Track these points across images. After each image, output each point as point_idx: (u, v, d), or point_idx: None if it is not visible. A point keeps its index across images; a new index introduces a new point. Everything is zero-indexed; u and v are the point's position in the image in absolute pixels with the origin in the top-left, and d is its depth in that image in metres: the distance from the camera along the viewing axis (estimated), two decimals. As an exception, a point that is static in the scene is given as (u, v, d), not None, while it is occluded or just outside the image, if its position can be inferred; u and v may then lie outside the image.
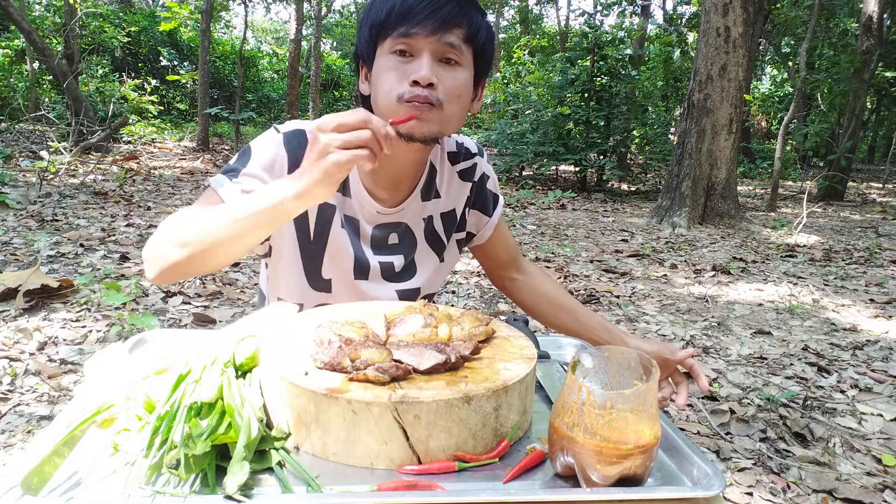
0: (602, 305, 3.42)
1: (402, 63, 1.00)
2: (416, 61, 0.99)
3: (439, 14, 0.97)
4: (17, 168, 6.55)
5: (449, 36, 0.99)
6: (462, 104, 1.05)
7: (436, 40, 0.98)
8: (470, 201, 1.26)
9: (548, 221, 6.31)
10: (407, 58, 1.00)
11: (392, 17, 0.98)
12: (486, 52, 1.07)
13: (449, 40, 0.99)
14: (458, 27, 0.99)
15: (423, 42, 0.98)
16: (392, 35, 0.99)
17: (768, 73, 21.31)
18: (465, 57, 1.02)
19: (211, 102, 11.19)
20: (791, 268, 4.62)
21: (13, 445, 1.70)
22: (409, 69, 0.99)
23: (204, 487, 0.63)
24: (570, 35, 16.97)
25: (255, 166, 1.03)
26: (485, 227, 1.30)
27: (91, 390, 0.80)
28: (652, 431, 0.64)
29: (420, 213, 1.20)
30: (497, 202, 1.31)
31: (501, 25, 23.75)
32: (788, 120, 7.86)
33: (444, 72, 1.01)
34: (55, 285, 2.85)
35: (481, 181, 1.27)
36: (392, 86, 1.00)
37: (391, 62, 1.00)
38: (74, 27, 9.62)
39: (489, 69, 1.11)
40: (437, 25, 0.97)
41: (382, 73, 1.01)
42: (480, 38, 1.04)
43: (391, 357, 0.74)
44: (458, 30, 0.99)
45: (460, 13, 0.99)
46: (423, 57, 0.99)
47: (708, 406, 2.18)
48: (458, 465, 0.68)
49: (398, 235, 1.19)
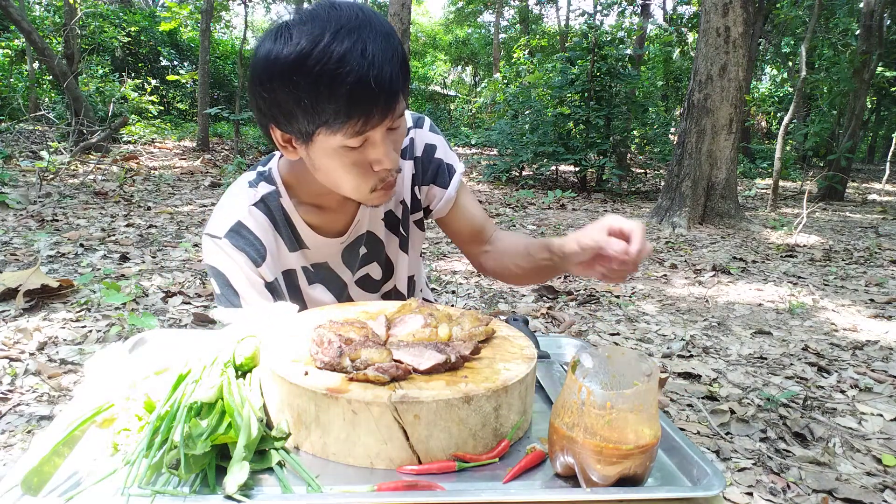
0: (602, 305, 3.42)
1: (360, 154, 0.93)
2: (375, 148, 0.92)
3: (390, 99, 0.88)
4: (17, 168, 6.55)
5: (398, 109, 0.91)
6: None
7: (389, 122, 0.91)
8: (418, 178, 1.20)
9: (548, 221, 6.31)
10: (362, 147, 0.92)
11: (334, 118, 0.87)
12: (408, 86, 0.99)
13: (399, 113, 0.92)
14: (399, 91, 0.90)
15: (379, 128, 0.91)
16: (342, 132, 0.88)
17: (768, 73, 21.31)
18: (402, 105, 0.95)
19: (211, 102, 11.19)
20: (791, 268, 4.62)
21: (13, 445, 1.70)
22: (369, 159, 0.93)
23: (204, 487, 0.63)
24: (570, 35, 16.97)
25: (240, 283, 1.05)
26: (441, 200, 1.21)
27: (91, 390, 0.80)
28: (652, 431, 0.64)
29: (377, 215, 1.18)
30: (452, 171, 1.21)
31: (501, 25, 23.75)
32: (788, 120, 7.86)
33: (395, 136, 0.95)
34: (55, 285, 2.85)
35: (426, 154, 1.19)
36: (357, 182, 0.96)
37: (346, 157, 0.92)
38: (74, 27, 9.62)
39: None
40: (388, 111, 0.89)
41: (338, 169, 0.94)
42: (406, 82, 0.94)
43: (391, 357, 0.74)
44: (400, 93, 0.91)
45: (399, 75, 0.89)
46: (381, 143, 0.92)
47: (708, 406, 2.18)
48: (458, 465, 0.68)
49: (365, 245, 1.19)
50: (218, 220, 1.06)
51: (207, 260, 1.07)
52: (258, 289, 1.07)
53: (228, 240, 1.04)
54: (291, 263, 1.13)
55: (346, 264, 1.18)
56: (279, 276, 1.11)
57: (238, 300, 1.06)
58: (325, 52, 0.83)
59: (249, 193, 1.09)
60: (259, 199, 1.09)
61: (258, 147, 10.56)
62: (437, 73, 26.91)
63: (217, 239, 1.05)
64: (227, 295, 1.06)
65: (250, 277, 1.06)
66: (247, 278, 1.05)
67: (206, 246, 1.07)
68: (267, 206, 1.09)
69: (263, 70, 0.88)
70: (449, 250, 4.66)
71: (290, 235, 1.12)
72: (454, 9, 24.31)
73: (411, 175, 1.20)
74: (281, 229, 1.10)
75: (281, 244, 1.11)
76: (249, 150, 10.16)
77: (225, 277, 1.06)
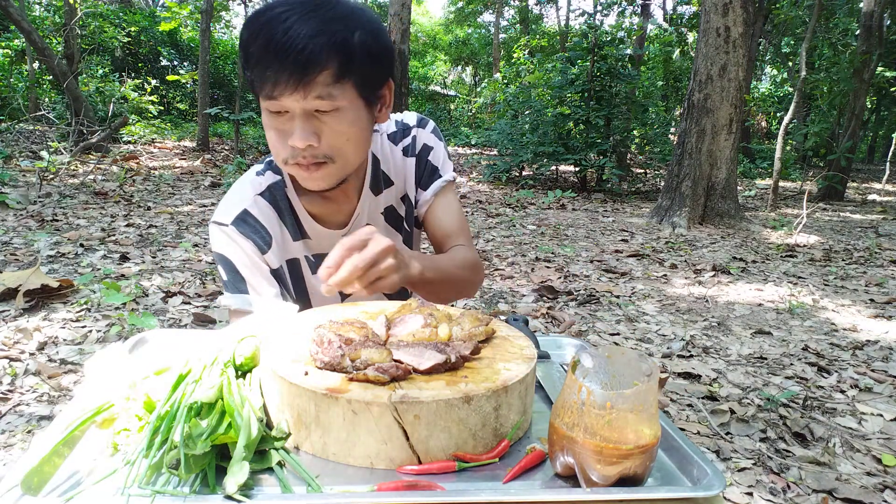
0: (602, 305, 3.41)
1: (280, 121, 0.94)
2: (291, 121, 0.93)
3: (299, 69, 0.88)
4: (17, 168, 6.55)
5: (314, 88, 0.89)
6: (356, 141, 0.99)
7: (301, 98, 0.90)
8: (417, 178, 1.21)
9: (548, 221, 6.31)
10: (283, 115, 0.94)
11: (256, 79, 0.92)
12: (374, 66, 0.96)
13: (317, 93, 0.90)
14: (324, 70, 0.89)
15: (291, 103, 0.91)
16: (261, 95, 0.92)
17: (768, 73, 21.31)
18: (345, 94, 0.93)
19: (211, 102, 11.20)
20: (791, 268, 4.62)
21: (13, 445, 1.70)
22: (286, 130, 0.94)
23: (204, 487, 0.63)
24: (570, 35, 16.97)
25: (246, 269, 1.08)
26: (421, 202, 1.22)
27: (91, 390, 0.80)
28: (652, 431, 0.64)
29: (377, 209, 1.19)
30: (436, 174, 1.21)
31: (501, 25, 23.75)
32: (788, 120, 7.86)
33: (323, 123, 0.94)
34: (55, 285, 2.85)
35: (422, 154, 1.20)
36: (276, 148, 0.97)
37: (269, 119, 0.96)
38: (74, 27, 9.62)
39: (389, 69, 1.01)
40: (298, 82, 0.88)
41: (266, 128, 0.98)
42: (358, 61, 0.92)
43: (391, 357, 0.74)
44: (325, 73, 0.89)
45: (322, 54, 0.88)
46: (295, 119, 0.93)
47: (708, 406, 2.18)
48: (458, 465, 0.68)
49: None
50: (225, 209, 1.09)
51: (215, 247, 1.09)
52: (264, 275, 1.09)
53: (235, 227, 1.07)
54: (295, 252, 1.15)
55: None
56: (284, 264, 1.13)
57: (245, 286, 1.08)
58: (255, 20, 0.90)
59: (256, 183, 1.12)
60: (265, 189, 1.12)
61: (258, 147, 10.56)
62: (437, 73, 26.91)
63: (224, 226, 1.07)
64: (233, 281, 1.08)
65: (256, 264, 1.08)
66: (253, 265, 1.08)
67: (214, 234, 1.09)
68: (273, 196, 1.12)
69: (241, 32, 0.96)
70: (449, 250, 4.66)
71: (294, 225, 1.14)
72: (454, 9, 24.31)
73: (414, 173, 1.21)
74: (286, 218, 1.13)
75: (286, 233, 1.13)
76: (249, 150, 10.16)
77: (231, 264, 1.08)
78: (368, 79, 0.96)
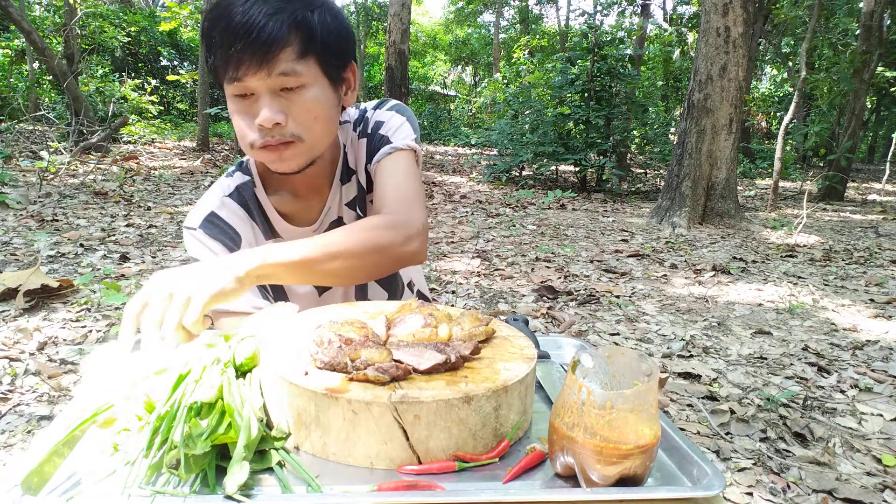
0: (602, 305, 3.41)
1: (246, 105, 0.95)
2: (257, 103, 0.94)
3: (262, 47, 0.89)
4: (17, 168, 6.55)
5: (278, 65, 0.91)
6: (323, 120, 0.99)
7: (266, 76, 0.91)
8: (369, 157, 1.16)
9: (548, 221, 6.31)
10: (248, 98, 0.95)
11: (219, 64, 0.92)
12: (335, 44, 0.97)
13: (281, 69, 0.91)
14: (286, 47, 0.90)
15: (256, 82, 0.92)
16: (226, 80, 0.94)
17: (768, 73, 21.31)
18: (309, 70, 0.94)
19: (211, 102, 11.19)
20: (791, 268, 4.62)
21: (13, 445, 1.70)
22: (252, 111, 0.95)
23: (204, 487, 0.63)
24: (570, 35, 16.97)
25: None
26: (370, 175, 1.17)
27: (91, 390, 0.80)
28: (652, 431, 0.64)
29: (343, 199, 1.19)
30: (384, 142, 1.13)
31: (501, 25, 23.75)
32: (788, 120, 7.85)
33: (290, 101, 0.95)
34: (55, 285, 2.85)
35: (373, 130, 1.16)
36: (243, 132, 0.97)
37: (235, 105, 0.97)
38: (74, 27, 9.62)
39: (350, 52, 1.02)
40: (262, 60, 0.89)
41: (233, 115, 0.98)
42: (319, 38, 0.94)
43: (391, 357, 0.74)
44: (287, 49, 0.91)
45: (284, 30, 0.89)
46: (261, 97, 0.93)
47: (708, 406, 2.18)
48: (458, 465, 0.68)
49: None
50: (194, 213, 1.11)
51: (188, 251, 1.11)
52: None
53: (203, 230, 1.08)
54: None
55: None
56: None
57: None
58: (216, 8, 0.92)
59: (224, 184, 1.14)
60: (233, 189, 1.13)
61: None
62: (437, 73, 26.92)
63: (193, 230, 1.09)
64: None
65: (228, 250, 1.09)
66: None
67: (185, 238, 1.11)
68: (241, 196, 1.13)
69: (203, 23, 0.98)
70: (449, 250, 4.67)
71: (265, 224, 1.14)
72: (454, 9, 24.31)
73: (365, 153, 1.17)
74: (255, 217, 1.14)
75: (258, 231, 1.14)
76: (249, 150, 10.14)
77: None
78: (331, 56, 0.98)
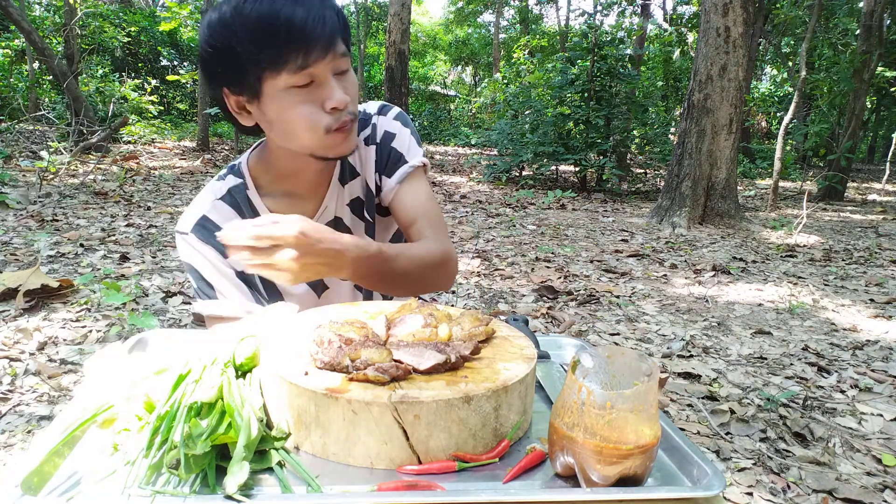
0: (602, 305, 3.42)
1: (306, 93, 0.96)
2: (323, 87, 0.96)
3: (326, 33, 0.93)
4: (17, 168, 6.55)
5: (338, 47, 0.96)
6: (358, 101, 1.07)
7: (331, 59, 0.95)
8: (379, 165, 1.20)
9: (548, 221, 6.31)
10: (309, 86, 0.96)
11: (276, 59, 0.92)
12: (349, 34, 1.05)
13: (340, 51, 0.96)
14: (339, 35, 0.96)
15: (323, 67, 0.95)
16: (286, 70, 0.93)
17: (768, 73, 21.31)
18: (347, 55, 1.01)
19: (211, 102, 11.17)
20: (791, 268, 4.62)
21: (13, 445, 1.71)
22: (320, 97, 0.97)
23: (204, 487, 0.63)
24: (570, 35, 16.97)
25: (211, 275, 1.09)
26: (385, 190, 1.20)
27: (91, 390, 0.80)
28: (652, 431, 0.64)
29: (343, 200, 1.19)
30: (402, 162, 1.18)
31: (501, 25, 23.75)
32: (788, 120, 7.85)
33: (345, 82, 0.99)
34: (55, 285, 2.85)
35: (384, 141, 1.19)
36: (313, 121, 0.97)
37: (295, 97, 0.96)
38: (74, 27, 9.62)
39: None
40: (327, 45, 0.94)
41: (291, 110, 0.97)
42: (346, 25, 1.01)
43: (391, 357, 0.74)
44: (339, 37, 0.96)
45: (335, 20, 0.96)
46: (329, 82, 0.96)
47: (708, 406, 2.18)
48: (458, 465, 0.68)
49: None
50: (185, 217, 1.11)
51: (181, 256, 1.11)
52: (230, 279, 1.10)
53: (195, 234, 1.09)
54: None
55: None
56: None
57: (213, 292, 1.10)
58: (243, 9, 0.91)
59: (216, 188, 1.14)
60: (225, 192, 1.13)
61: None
62: (437, 73, 26.92)
63: (185, 235, 1.09)
64: (202, 288, 1.10)
65: (220, 268, 1.09)
66: (217, 270, 1.09)
67: (178, 243, 1.11)
68: (233, 199, 1.13)
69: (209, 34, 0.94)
70: (449, 250, 4.66)
71: None
72: (454, 9, 24.31)
73: (374, 161, 1.19)
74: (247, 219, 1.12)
75: None
76: (249, 150, 10.14)
77: (197, 272, 1.10)
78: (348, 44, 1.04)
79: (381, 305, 0.99)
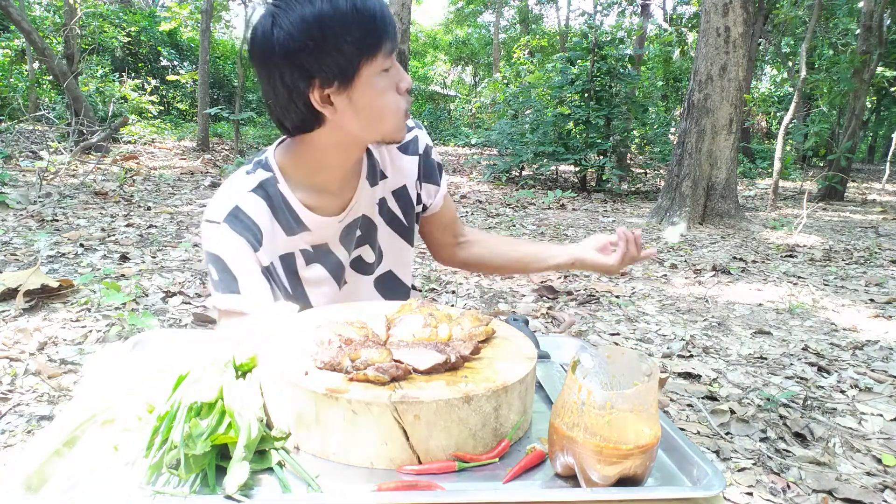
0: (602, 305, 3.42)
1: (389, 77, 1.02)
2: (395, 70, 1.03)
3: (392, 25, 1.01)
4: (17, 168, 6.55)
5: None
6: None
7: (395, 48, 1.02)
8: (420, 175, 1.28)
9: (548, 221, 6.31)
10: (390, 70, 1.02)
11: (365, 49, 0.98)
12: None
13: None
14: None
15: (392, 55, 1.02)
16: (381, 52, 0.99)
17: (768, 73, 21.31)
18: None
19: (211, 102, 11.20)
20: (791, 268, 4.62)
21: (13, 445, 1.70)
22: (394, 81, 1.03)
23: (204, 487, 0.63)
24: (570, 35, 16.96)
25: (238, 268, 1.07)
26: (436, 196, 1.32)
27: (91, 390, 0.80)
28: (652, 431, 0.64)
29: (373, 199, 1.22)
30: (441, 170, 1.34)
31: (501, 25, 23.75)
32: (788, 120, 7.86)
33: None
34: (55, 285, 2.85)
35: (426, 153, 1.29)
36: (396, 103, 1.04)
37: (384, 81, 1.02)
38: (74, 27, 9.62)
39: None
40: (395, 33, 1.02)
41: (383, 95, 1.02)
42: None
43: (391, 357, 0.74)
44: None
45: None
46: (397, 65, 1.03)
47: (708, 406, 2.18)
48: (458, 465, 0.68)
49: (360, 228, 1.22)
50: (217, 206, 1.08)
51: (206, 246, 1.08)
52: (256, 274, 1.08)
53: (228, 224, 1.06)
54: (289, 247, 1.14)
55: (343, 244, 1.20)
56: (275, 260, 1.13)
57: (236, 285, 1.07)
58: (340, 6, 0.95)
59: (247, 180, 1.12)
60: (257, 185, 1.11)
61: (258, 147, 10.56)
62: (437, 73, 26.90)
63: (216, 224, 1.06)
64: (224, 280, 1.07)
65: (249, 263, 1.08)
66: (245, 263, 1.07)
67: (206, 232, 1.08)
68: (265, 192, 1.12)
69: (305, 28, 0.95)
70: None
71: (289, 219, 1.13)
72: (454, 9, 24.31)
73: (416, 171, 1.26)
74: (279, 213, 1.12)
75: (277, 229, 1.12)
76: (249, 150, 10.16)
77: (223, 263, 1.07)
78: None
79: (380, 305, 0.99)
